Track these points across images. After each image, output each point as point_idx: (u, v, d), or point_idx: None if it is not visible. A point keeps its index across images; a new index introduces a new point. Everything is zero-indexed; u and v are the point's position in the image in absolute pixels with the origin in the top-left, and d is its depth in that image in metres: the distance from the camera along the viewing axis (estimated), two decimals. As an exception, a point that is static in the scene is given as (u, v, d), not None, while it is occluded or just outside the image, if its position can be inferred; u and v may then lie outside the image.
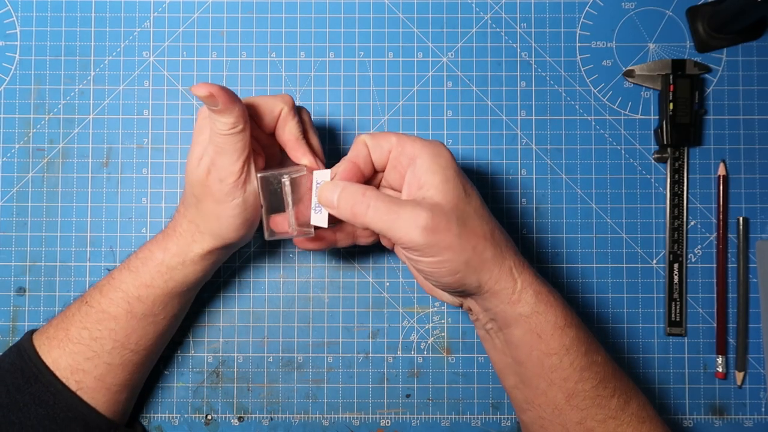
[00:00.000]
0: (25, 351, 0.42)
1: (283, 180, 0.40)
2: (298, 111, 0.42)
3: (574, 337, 0.38)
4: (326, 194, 0.39)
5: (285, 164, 0.43)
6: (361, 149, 0.40)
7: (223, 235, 0.41)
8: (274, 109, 0.41)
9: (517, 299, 0.38)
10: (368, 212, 0.37)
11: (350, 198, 0.38)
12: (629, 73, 0.51)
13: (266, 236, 0.42)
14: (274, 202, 0.41)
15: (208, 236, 0.41)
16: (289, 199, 0.40)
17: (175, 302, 0.44)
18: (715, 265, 0.50)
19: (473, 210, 0.38)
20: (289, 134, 0.42)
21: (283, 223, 0.41)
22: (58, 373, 0.42)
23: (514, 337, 0.39)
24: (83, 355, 0.42)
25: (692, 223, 0.50)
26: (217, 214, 0.40)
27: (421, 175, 0.38)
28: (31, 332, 0.44)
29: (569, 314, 0.39)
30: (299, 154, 0.42)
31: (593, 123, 0.51)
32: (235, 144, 0.39)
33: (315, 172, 0.41)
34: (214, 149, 0.39)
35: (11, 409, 0.41)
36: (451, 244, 0.36)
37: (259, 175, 0.40)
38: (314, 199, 0.41)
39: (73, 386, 0.42)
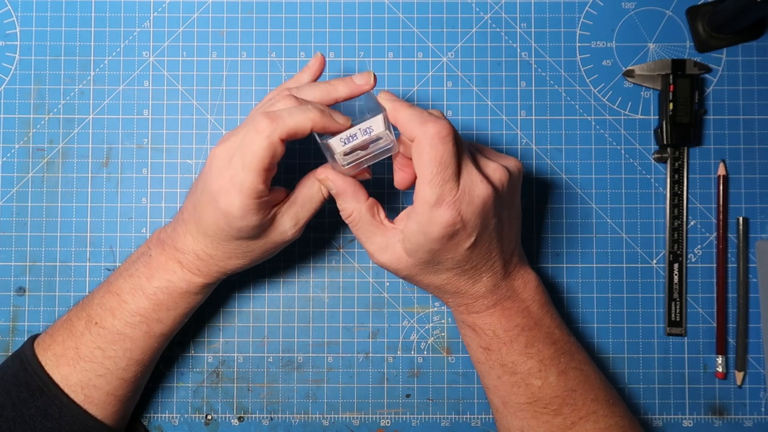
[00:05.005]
0: (28, 364, 0.41)
1: (326, 141, 0.38)
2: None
3: (496, 361, 0.42)
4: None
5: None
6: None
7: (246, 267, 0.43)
8: (306, 130, 0.37)
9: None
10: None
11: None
12: (629, 73, 0.51)
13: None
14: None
15: (230, 271, 0.43)
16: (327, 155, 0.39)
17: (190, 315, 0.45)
18: (715, 265, 0.50)
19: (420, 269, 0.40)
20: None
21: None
22: (66, 389, 0.41)
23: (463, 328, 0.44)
24: (95, 372, 0.41)
25: (692, 223, 0.50)
26: (256, 258, 0.42)
27: (411, 220, 0.38)
28: (32, 340, 0.43)
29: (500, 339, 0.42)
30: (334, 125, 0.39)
31: (593, 123, 0.51)
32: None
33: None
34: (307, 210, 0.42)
35: (18, 423, 0.40)
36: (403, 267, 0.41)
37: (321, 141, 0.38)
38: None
39: (80, 400, 0.41)
